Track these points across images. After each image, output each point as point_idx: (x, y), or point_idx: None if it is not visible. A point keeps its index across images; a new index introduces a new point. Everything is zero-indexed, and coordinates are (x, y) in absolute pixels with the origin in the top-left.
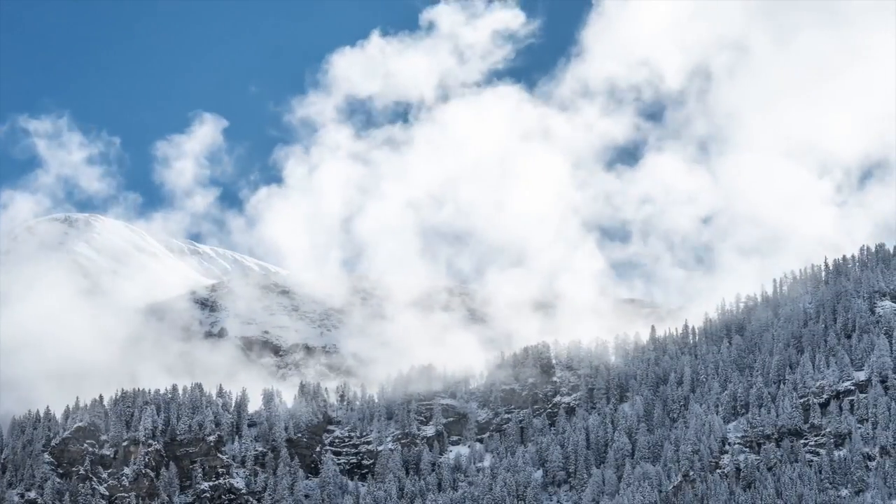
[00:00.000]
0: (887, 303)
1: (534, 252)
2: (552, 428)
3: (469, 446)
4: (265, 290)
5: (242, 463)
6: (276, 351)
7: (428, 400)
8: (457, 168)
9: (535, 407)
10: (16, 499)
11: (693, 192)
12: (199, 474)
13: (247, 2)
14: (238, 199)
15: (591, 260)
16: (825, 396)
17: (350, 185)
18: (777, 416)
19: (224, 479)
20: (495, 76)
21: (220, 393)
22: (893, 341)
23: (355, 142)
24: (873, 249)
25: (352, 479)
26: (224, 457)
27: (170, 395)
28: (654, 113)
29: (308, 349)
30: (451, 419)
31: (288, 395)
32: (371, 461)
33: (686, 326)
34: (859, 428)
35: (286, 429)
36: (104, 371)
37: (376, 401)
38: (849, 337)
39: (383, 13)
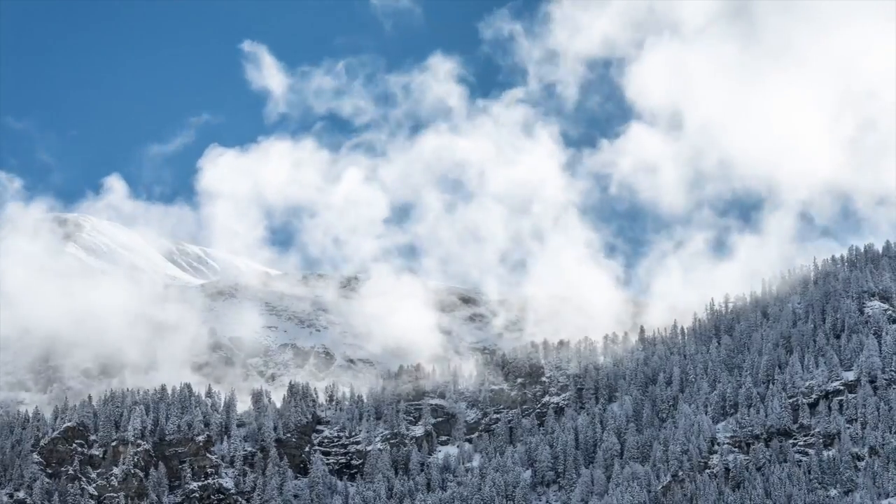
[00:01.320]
0: (876, 303)
1: (520, 248)
2: (541, 428)
3: (458, 446)
4: (252, 290)
5: (231, 463)
6: (266, 351)
7: (417, 400)
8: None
9: (524, 407)
10: (4, 499)
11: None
12: (188, 474)
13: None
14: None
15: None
16: (814, 396)
17: (318, 182)
18: (766, 416)
19: (213, 479)
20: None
21: (209, 393)
22: (882, 341)
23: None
24: (862, 249)
25: (341, 479)
26: (213, 457)
27: (159, 395)
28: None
29: (297, 349)
30: (440, 419)
31: (277, 395)
32: (360, 461)
33: (675, 326)
34: (848, 428)
35: (275, 429)
36: (93, 370)
37: (365, 401)
38: (838, 337)
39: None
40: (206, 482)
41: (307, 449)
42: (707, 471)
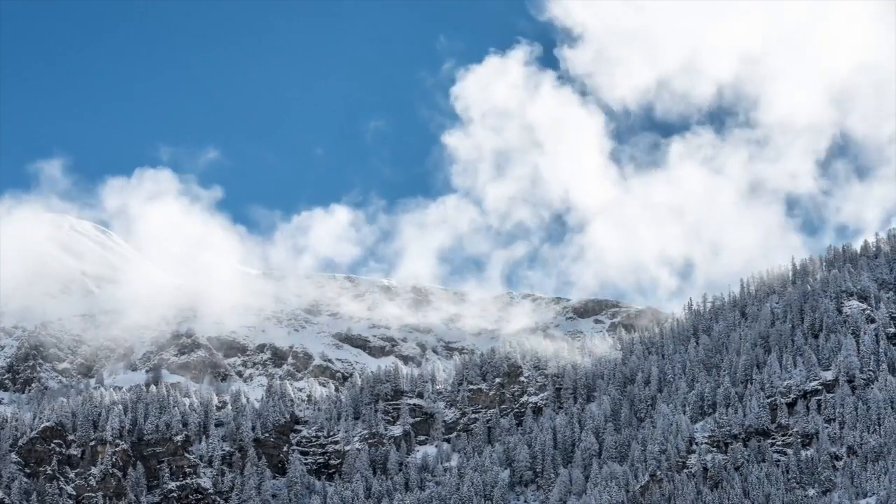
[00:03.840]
0: (854, 302)
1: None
2: (519, 428)
3: (436, 446)
4: (233, 289)
5: (209, 463)
6: (244, 351)
7: (395, 400)
8: None
9: (503, 407)
10: None
11: None
12: (167, 474)
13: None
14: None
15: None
16: (792, 396)
17: None
18: (744, 415)
19: (191, 478)
20: None
21: (188, 393)
22: (860, 341)
23: None
24: (840, 249)
25: (319, 479)
26: (191, 456)
27: (137, 395)
28: None
29: (275, 349)
30: (419, 419)
31: (255, 395)
32: (338, 461)
33: (653, 326)
34: (826, 428)
35: (253, 428)
36: (71, 370)
37: (343, 400)
38: (816, 337)
39: None
40: (184, 482)
41: (285, 449)
42: (685, 470)
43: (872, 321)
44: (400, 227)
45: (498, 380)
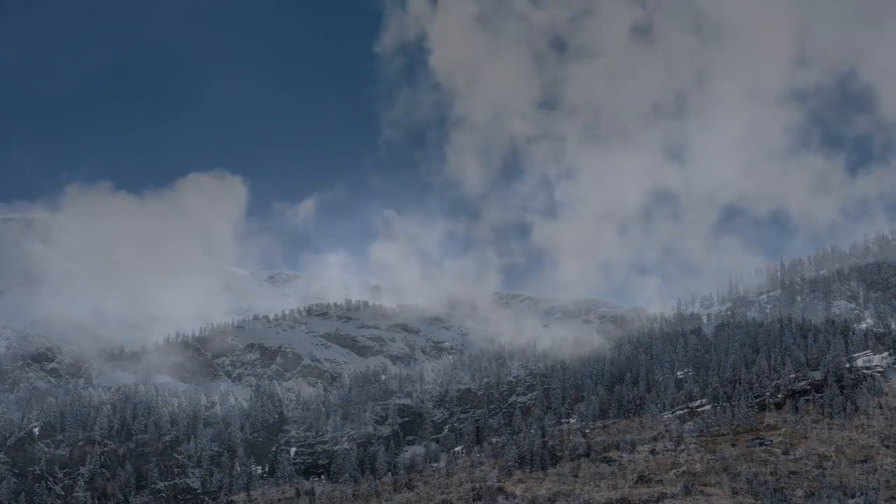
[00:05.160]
0: (843, 302)
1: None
2: (508, 427)
3: (425, 446)
4: (222, 290)
5: (198, 462)
6: (232, 351)
7: (384, 400)
8: None
9: (491, 406)
10: None
11: None
12: (155, 474)
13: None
14: None
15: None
16: (781, 396)
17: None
18: (733, 415)
19: (180, 478)
20: None
21: (176, 393)
22: (849, 341)
23: None
24: (829, 250)
25: (308, 479)
26: (180, 456)
27: (125, 395)
28: None
29: (264, 349)
30: (407, 419)
31: (244, 395)
32: (327, 461)
33: (642, 326)
34: (814, 427)
35: (242, 428)
36: (60, 370)
37: (332, 400)
38: (804, 337)
39: None
40: (172, 482)
41: (274, 448)
42: (673, 470)
43: (861, 321)
44: (388, 224)
45: (486, 380)
